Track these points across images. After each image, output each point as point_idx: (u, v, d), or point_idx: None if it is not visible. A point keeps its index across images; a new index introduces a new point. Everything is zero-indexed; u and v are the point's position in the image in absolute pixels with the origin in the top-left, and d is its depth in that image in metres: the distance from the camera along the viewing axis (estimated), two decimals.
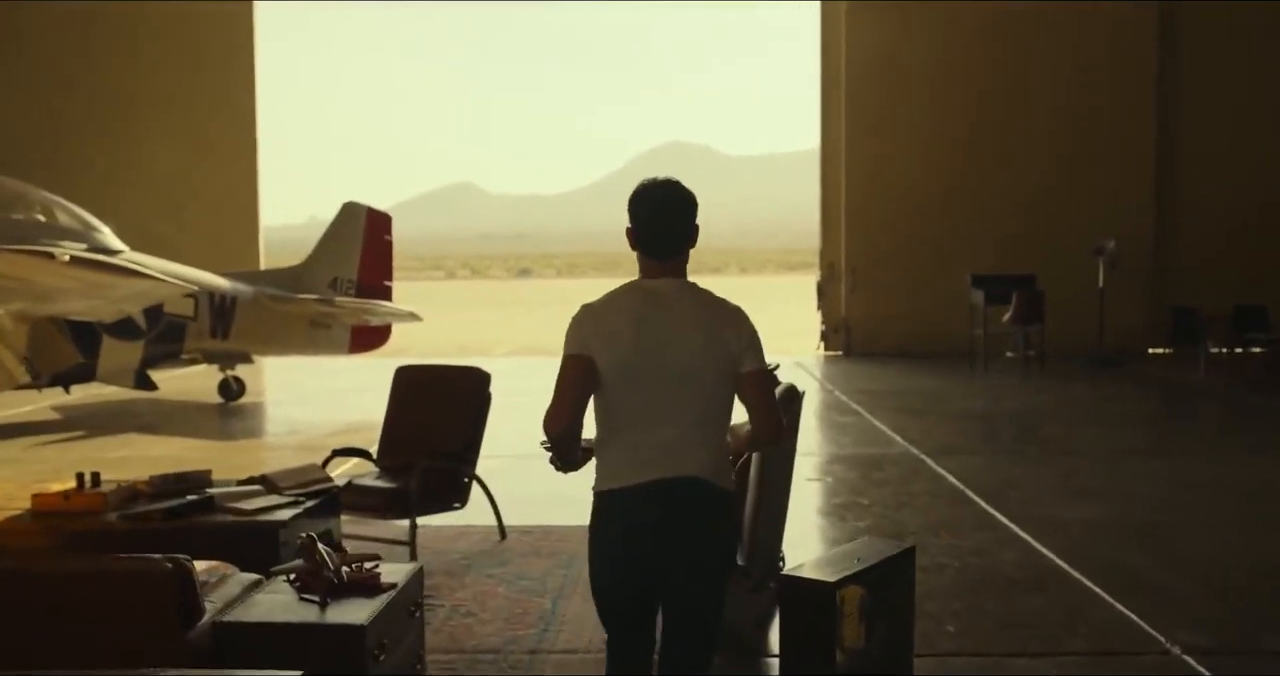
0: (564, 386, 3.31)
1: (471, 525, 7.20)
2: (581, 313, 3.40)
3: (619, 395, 3.31)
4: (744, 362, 3.35)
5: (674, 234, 3.40)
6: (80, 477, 5.57)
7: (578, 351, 3.33)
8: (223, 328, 13.38)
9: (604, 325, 3.33)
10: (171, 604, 3.59)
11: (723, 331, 3.35)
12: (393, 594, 3.99)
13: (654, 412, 3.29)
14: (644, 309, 3.33)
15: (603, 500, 3.39)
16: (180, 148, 19.21)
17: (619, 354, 3.28)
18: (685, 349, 3.29)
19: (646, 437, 3.29)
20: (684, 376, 3.28)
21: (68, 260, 7.16)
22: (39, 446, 10.96)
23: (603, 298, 3.42)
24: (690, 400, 3.29)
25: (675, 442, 3.28)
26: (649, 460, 3.28)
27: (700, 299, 3.40)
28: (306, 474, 5.93)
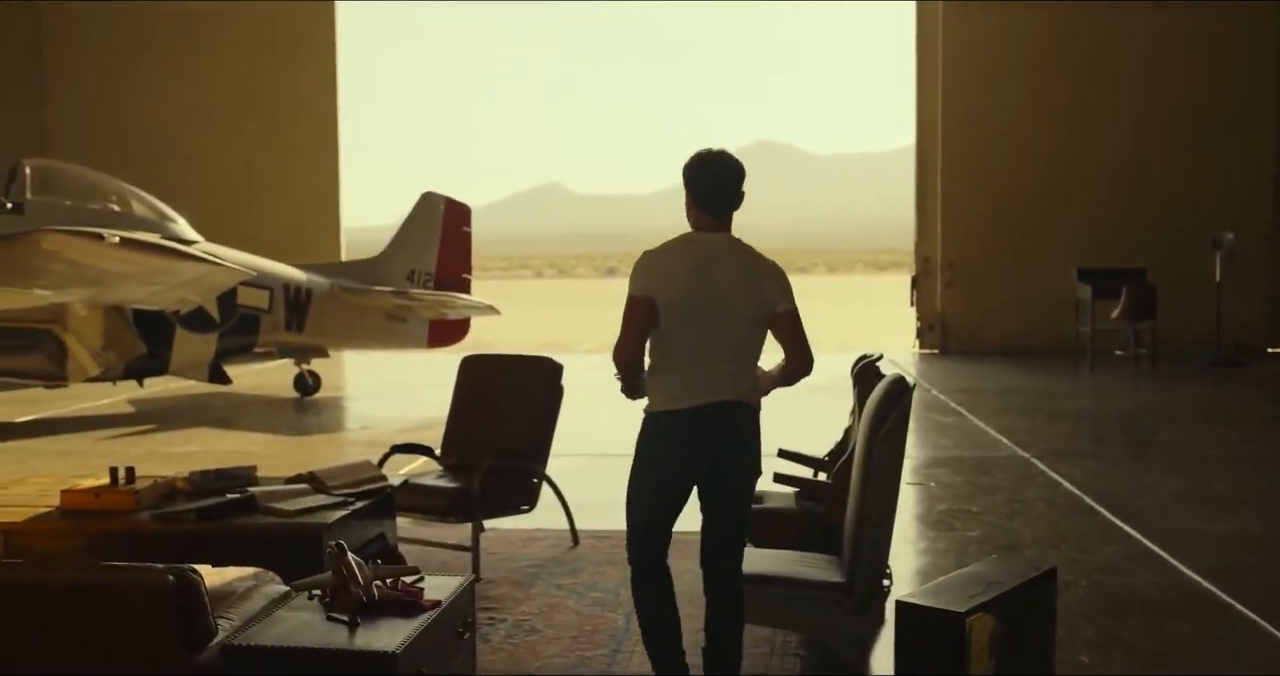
0: (629, 323, 3.89)
1: (541, 529, 6.64)
2: (644, 258, 3.95)
3: (674, 330, 3.87)
4: (779, 304, 3.97)
5: (730, 195, 3.98)
6: (113, 473, 5.10)
7: (641, 292, 3.88)
8: (297, 320, 13.04)
9: (664, 270, 3.89)
10: (173, 622, 3.06)
11: (762, 279, 3.96)
12: (435, 613, 3.43)
13: (703, 346, 3.88)
14: (697, 257, 3.91)
15: (659, 418, 3.94)
16: (262, 141, 19.11)
17: (675, 294, 3.84)
18: (731, 292, 3.88)
19: (697, 367, 3.89)
20: (729, 315, 3.88)
21: (116, 241, 6.76)
22: (107, 440, 10.70)
23: (662, 246, 3.98)
24: (733, 335, 3.91)
25: (720, 371, 3.91)
26: (700, 386, 3.89)
27: (744, 250, 4.00)
28: (358, 472, 5.40)
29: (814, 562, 4.66)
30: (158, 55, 19.30)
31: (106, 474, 5.15)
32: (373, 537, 5.21)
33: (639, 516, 4.07)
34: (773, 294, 3.96)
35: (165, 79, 19.26)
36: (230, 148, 19.07)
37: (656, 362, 3.94)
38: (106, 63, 19.31)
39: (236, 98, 19.24)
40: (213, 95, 19.24)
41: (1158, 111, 17.57)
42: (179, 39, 19.25)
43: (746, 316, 3.91)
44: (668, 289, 3.84)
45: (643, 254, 3.98)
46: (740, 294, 3.89)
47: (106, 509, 4.92)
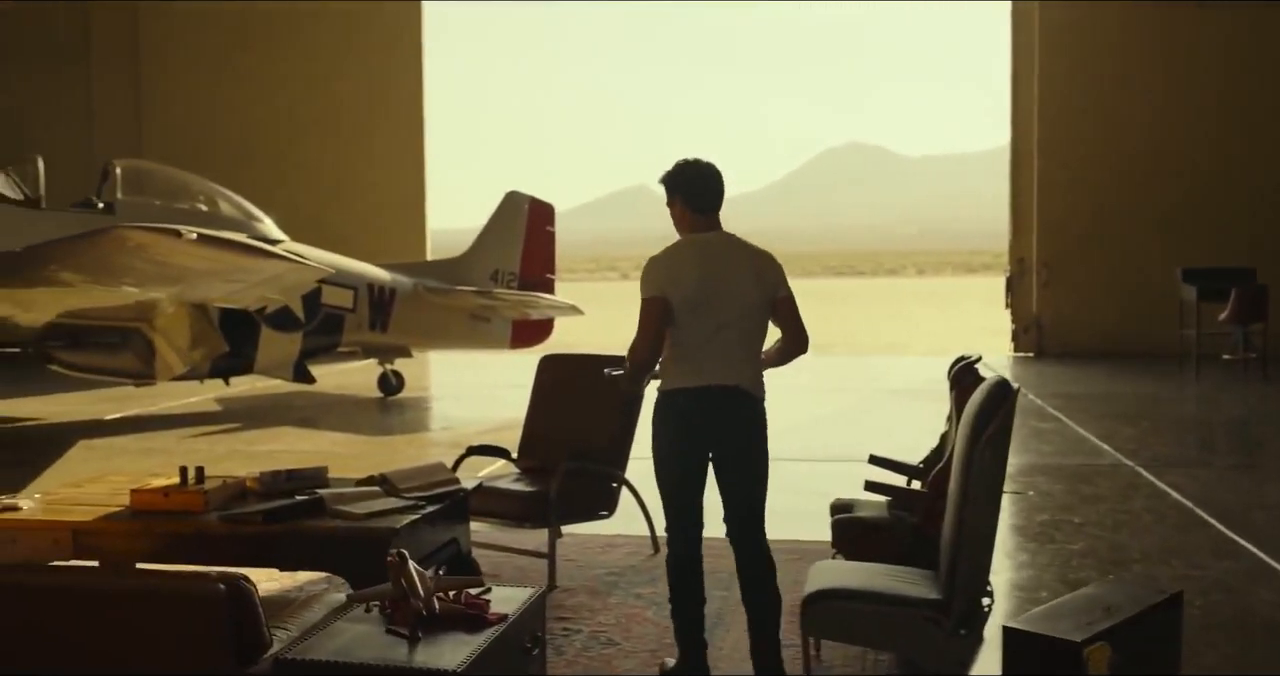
0: (646, 323, 4.20)
1: (621, 535, 6.41)
2: (652, 263, 4.29)
3: (685, 323, 4.21)
4: (779, 290, 4.32)
5: (717, 194, 4.37)
6: (183, 472, 4.99)
7: (655, 294, 4.20)
8: (381, 320, 13.00)
9: (673, 271, 4.24)
10: (224, 633, 2.88)
11: (762, 270, 4.30)
12: (501, 628, 3.20)
13: (714, 336, 4.21)
14: (704, 256, 4.27)
15: (672, 395, 4.28)
16: (349, 142, 19.25)
17: (688, 292, 4.19)
18: (737, 284, 4.23)
19: (709, 354, 4.22)
20: (737, 306, 4.22)
21: (194, 238, 6.69)
22: (192, 438, 10.73)
23: (666, 250, 4.32)
24: (741, 324, 4.24)
25: (729, 359, 4.24)
26: (710, 370, 4.22)
27: (741, 244, 4.35)
28: (431, 474, 5.22)
29: (908, 577, 4.36)
30: (248, 56, 19.54)
31: (177, 473, 5.04)
32: (445, 543, 5.02)
33: (668, 486, 4.38)
34: (773, 281, 4.31)
35: (255, 80, 19.49)
36: (318, 149, 19.24)
37: (671, 351, 4.27)
38: (198, 63, 19.60)
39: (324, 99, 19.40)
40: (301, 96, 19.43)
41: (1263, 109, 16.92)
42: (269, 40, 19.48)
43: (752, 305, 4.27)
44: (680, 288, 4.19)
45: (650, 259, 4.31)
46: (746, 285, 4.25)
47: (175, 509, 4.80)
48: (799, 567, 5.76)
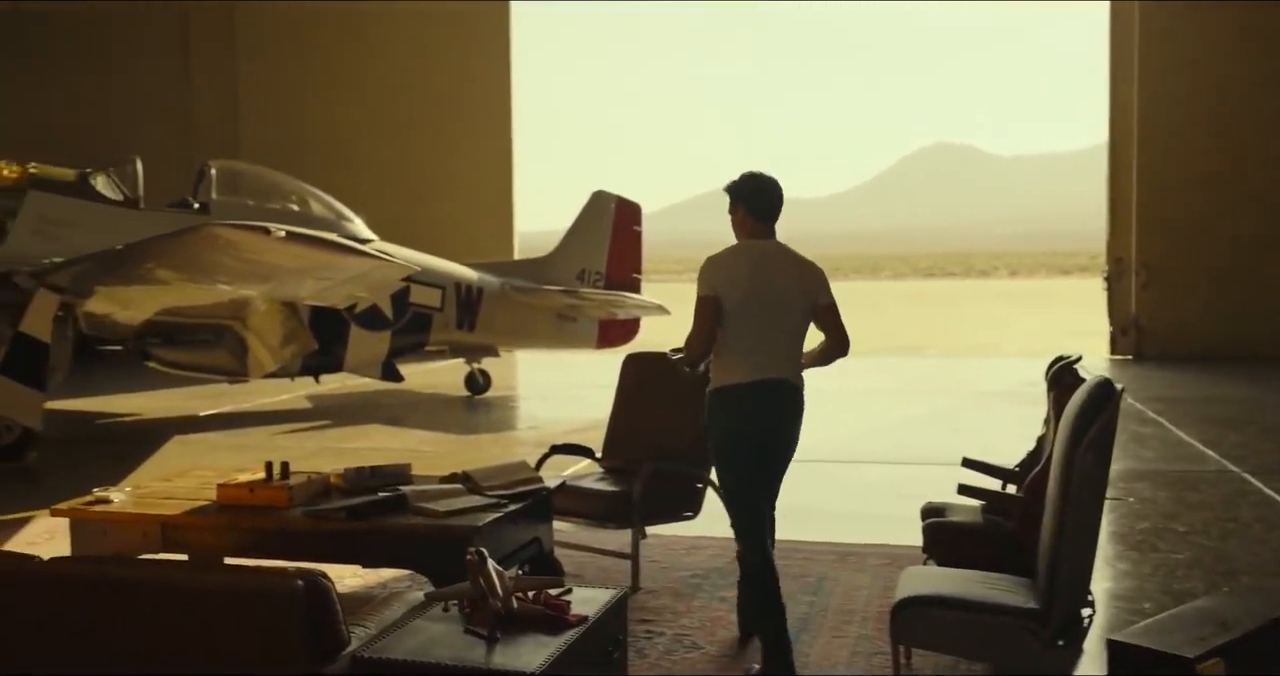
0: (701, 320, 4.50)
1: (705, 537, 6.31)
2: (709, 263, 4.59)
3: (738, 322, 4.47)
4: (821, 297, 4.61)
5: (776, 205, 4.69)
6: (268, 468, 5.00)
7: (710, 293, 4.49)
8: (469, 319, 13.04)
9: (728, 272, 4.54)
10: (301, 631, 2.84)
11: (807, 277, 4.60)
12: (581, 630, 3.13)
13: (762, 334, 4.49)
14: (756, 260, 4.57)
15: (724, 392, 4.52)
16: (438, 142, 19.39)
17: (740, 292, 4.47)
18: (784, 288, 4.53)
19: (757, 350, 4.48)
20: (783, 308, 4.52)
21: (282, 235, 6.74)
22: (283, 434, 10.87)
23: (723, 252, 4.63)
24: (786, 325, 4.54)
25: (775, 355, 4.52)
26: (759, 366, 4.48)
27: (790, 253, 4.65)
28: (513, 472, 5.17)
29: (1003, 584, 4.19)
30: (340, 57, 19.83)
31: (263, 468, 5.06)
32: (527, 542, 4.97)
33: (732, 485, 4.58)
34: (816, 288, 4.59)
35: (346, 80, 19.78)
36: (407, 149, 19.44)
37: (721, 348, 4.52)
38: (292, 64, 19.96)
39: (414, 99, 19.61)
40: (391, 97, 19.66)
41: None
42: (360, 40, 19.75)
43: (797, 308, 4.53)
44: (733, 288, 4.47)
45: (707, 259, 4.60)
46: (792, 290, 4.53)
47: (260, 504, 4.81)
48: (889, 572, 5.62)
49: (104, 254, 8.65)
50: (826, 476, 8.77)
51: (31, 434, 9.03)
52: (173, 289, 8.92)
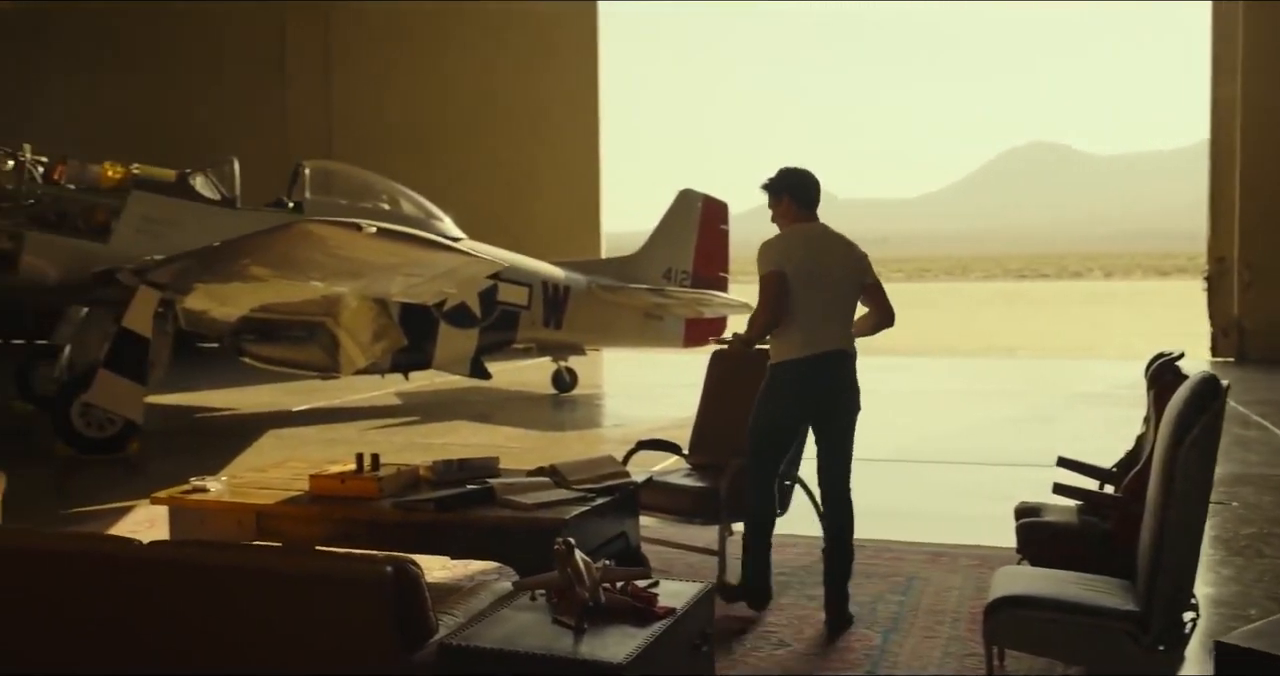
0: (769, 293, 4.94)
1: (792, 535, 6.24)
2: (766, 245, 5.03)
3: (796, 299, 4.91)
4: (867, 277, 5.11)
5: (817, 194, 5.18)
6: (359, 459, 5.07)
7: (775, 267, 4.94)
8: (555, 318, 13.10)
9: (786, 252, 4.99)
10: (390, 617, 2.86)
11: (853, 257, 5.09)
12: (669, 622, 3.11)
13: (818, 309, 4.95)
14: (809, 242, 5.05)
15: (786, 366, 4.99)
16: (526, 142, 19.53)
17: (797, 271, 4.93)
18: (836, 266, 5.03)
19: (814, 325, 4.95)
20: (835, 285, 5.01)
21: (373, 231, 6.84)
22: (372, 430, 11.02)
23: (779, 236, 5.09)
24: (838, 300, 5.03)
25: (831, 328, 4.99)
26: (817, 339, 4.95)
27: (838, 235, 5.13)
28: (600, 466, 5.18)
29: (1101, 586, 4.08)
30: (431, 57, 20.06)
31: (354, 460, 5.13)
32: (613, 536, 4.97)
33: (764, 444, 5.10)
34: (862, 268, 5.09)
35: (436, 80, 20.01)
36: (496, 148, 19.61)
37: (785, 325, 4.95)
38: (384, 65, 20.26)
39: (503, 99, 19.76)
40: (481, 96, 19.84)
41: None
42: (450, 40, 19.96)
43: (846, 285, 5.03)
44: (794, 266, 4.92)
45: (763, 243, 5.02)
46: (842, 269, 5.03)
47: (351, 495, 4.88)
48: (980, 573, 5.52)
49: (202, 251, 8.86)
50: (917, 477, 8.65)
51: (133, 426, 9.27)
52: (267, 286, 9.10)
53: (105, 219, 10.43)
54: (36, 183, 10.33)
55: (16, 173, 10.27)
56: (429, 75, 20.03)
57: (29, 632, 3.16)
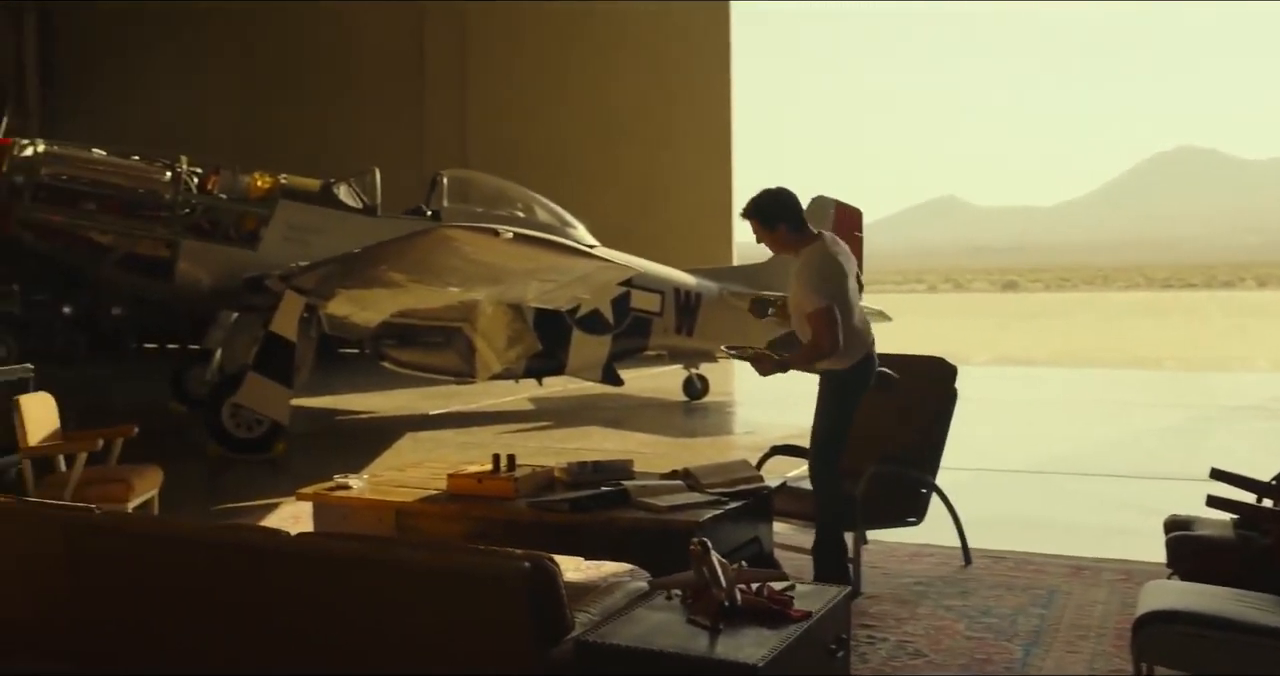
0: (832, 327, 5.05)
1: (929, 545, 6.13)
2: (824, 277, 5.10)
3: (850, 313, 5.16)
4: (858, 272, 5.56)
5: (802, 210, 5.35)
6: (495, 460, 5.15)
7: (829, 301, 5.05)
8: (687, 324, 13.12)
9: (835, 278, 5.13)
10: (527, 613, 2.89)
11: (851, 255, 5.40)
12: (806, 625, 3.07)
13: (859, 312, 5.28)
14: (840, 259, 5.21)
15: (856, 369, 5.24)
16: (658, 148, 19.61)
17: (848, 289, 5.18)
18: (852, 270, 5.27)
19: (864, 327, 5.31)
20: (855, 287, 5.29)
21: (510, 237, 6.95)
22: (506, 433, 11.18)
23: (816, 266, 5.12)
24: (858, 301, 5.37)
25: (868, 329, 5.37)
26: (868, 341, 5.32)
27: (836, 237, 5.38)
28: (734, 471, 5.16)
29: (1260, 603, 3.90)
30: (562, 65, 20.31)
31: (490, 461, 5.21)
32: (747, 541, 4.95)
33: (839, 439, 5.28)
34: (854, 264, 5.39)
35: (568, 89, 20.25)
36: (627, 156, 19.72)
37: (846, 336, 5.12)
38: (518, 75, 20.56)
39: (634, 106, 19.88)
40: (612, 104, 19.99)
41: None
42: (581, 48, 20.16)
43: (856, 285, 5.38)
44: (843, 289, 5.13)
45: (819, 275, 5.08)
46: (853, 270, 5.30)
47: (487, 494, 4.96)
48: (1126, 588, 5.34)
49: (344, 257, 9.13)
50: (1060, 488, 8.41)
51: (279, 427, 9.58)
52: (406, 291, 9.33)
53: (255, 227, 10.84)
54: (192, 192, 10.78)
55: (173, 183, 10.74)
56: (561, 81, 20.28)
57: (180, 616, 3.28)
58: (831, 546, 5.25)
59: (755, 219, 5.14)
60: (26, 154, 10.49)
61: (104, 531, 3.43)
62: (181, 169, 10.84)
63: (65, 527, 3.41)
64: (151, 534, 3.52)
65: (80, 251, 10.72)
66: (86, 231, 10.53)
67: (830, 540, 5.25)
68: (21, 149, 10.51)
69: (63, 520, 3.48)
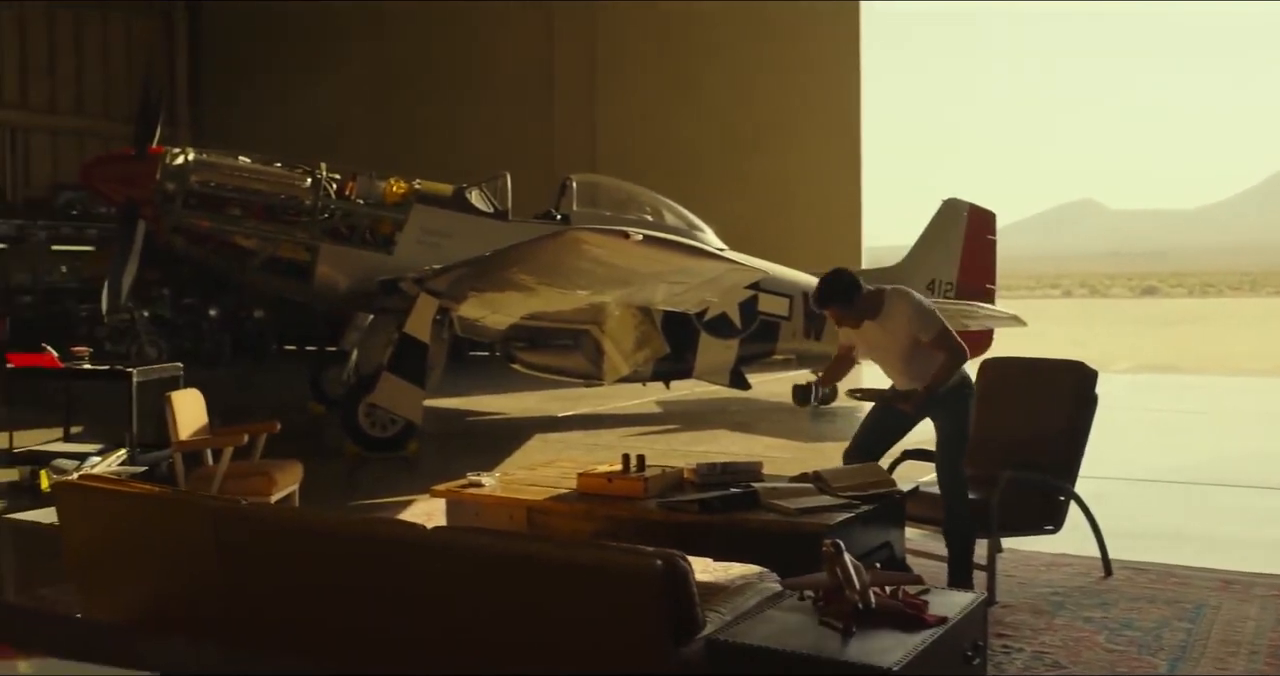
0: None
1: (1067, 554, 5.96)
2: (916, 298, 5.57)
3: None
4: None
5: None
6: (625, 459, 5.18)
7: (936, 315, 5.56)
8: (816, 329, 12.99)
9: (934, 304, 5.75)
10: (659, 610, 2.89)
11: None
12: (941, 630, 3.01)
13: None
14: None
15: (970, 382, 5.56)
16: (785, 152, 19.50)
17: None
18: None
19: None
20: None
21: (640, 239, 6.98)
22: (633, 436, 11.23)
23: (908, 291, 5.61)
24: None
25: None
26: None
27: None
28: (866, 474, 5.09)
29: None
30: (688, 68, 20.33)
31: (620, 460, 5.24)
32: (878, 545, 4.87)
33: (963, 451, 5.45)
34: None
35: (695, 91, 20.27)
36: (755, 160, 19.65)
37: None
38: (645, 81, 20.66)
39: (761, 109, 19.81)
40: (739, 107, 19.96)
41: None
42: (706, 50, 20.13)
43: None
44: (934, 309, 5.56)
45: (922, 304, 5.53)
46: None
47: (617, 494, 4.98)
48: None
49: (476, 259, 9.29)
50: (1205, 500, 8.09)
51: (412, 427, 9.78)
52: (536, 295, 9.44)
53: (390, 231, 11.10)
54: (330, 198, 11.10)
55: (313, 189, 11.07)
56: (689, 84, 20.30)
57: (319, 603, 3.37)
58: (958, 552, 5.28)
59: (834, 303, 5.53)
60: (178, 162, 10.94)
61: (250, 522, 3.55)
62: (321, 175, 11.17)
63: (214, 518, 3.53)
64: (294, 525, 3.63)
65: (226, 255, 11.13)
66: (232, 236, 10.93)
67: (957, 546, 5.29)
68: (173, 157, 10.97)
69: (212, 511, 3.61)
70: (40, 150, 23.24)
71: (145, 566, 3.71)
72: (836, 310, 5.56)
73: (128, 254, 10.71)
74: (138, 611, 3.68)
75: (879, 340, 5.56)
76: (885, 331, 5.50)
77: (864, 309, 5.50)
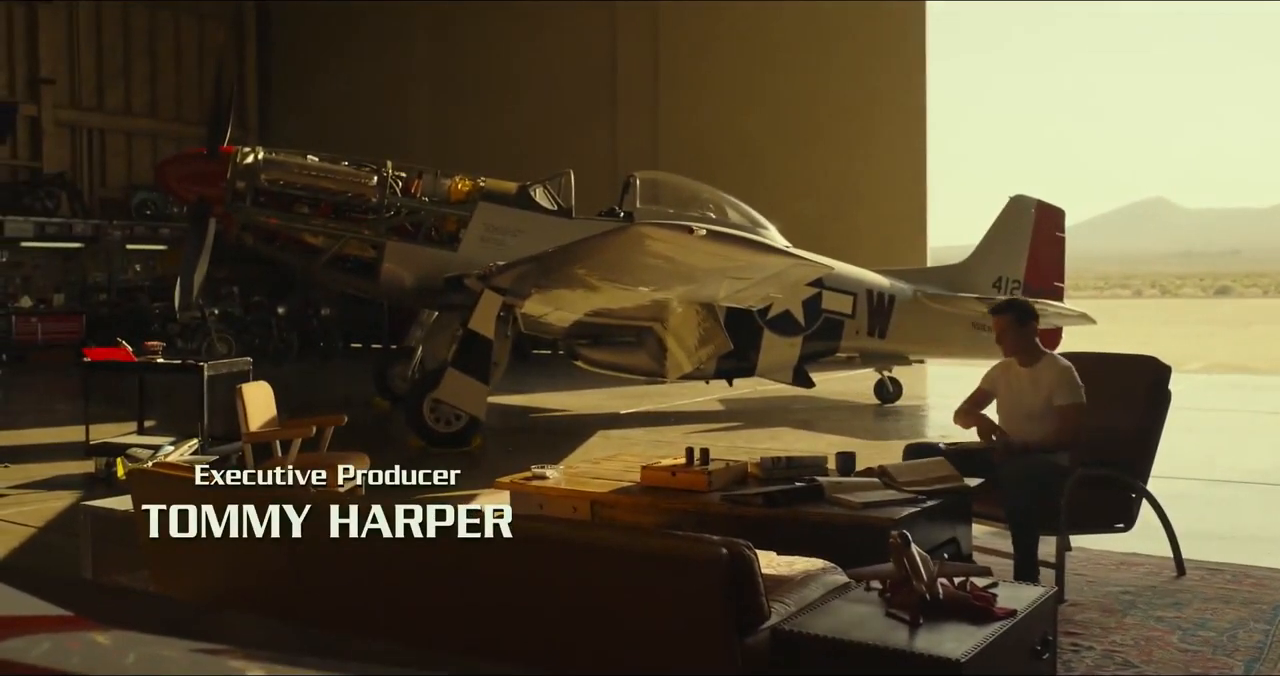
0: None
1: (1138, 553, 5.85)
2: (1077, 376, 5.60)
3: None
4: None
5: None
6: (689, 453, 5.17)
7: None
8: (880, 327, 12.92)
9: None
10: (724, 599, 2.88)
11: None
12: (1010, 623, 2.97)
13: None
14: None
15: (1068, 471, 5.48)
16: (850, 151, 19.38)
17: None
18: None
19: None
20: None
21: (704, 234, 6.97)
22: (696, 433, 11.21)
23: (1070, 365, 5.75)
24: None
25: None
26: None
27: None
28: (932, 469, 5.03)
29: None
30: (753, 65, 20.25)
31: (684, 454, 5.24)
32: (944, 541, 4.82)
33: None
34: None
35: (760, 89, 20.17)
36: (820, 158, 19.56)
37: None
38: (709, 77, 20.64)
39: (827, 107, 19.71)
40: (803, 105, 19.86)
41: None
42: (770, 47, 20.06)
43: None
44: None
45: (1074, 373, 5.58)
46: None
47: (681, 487, 4.98)
48: None
49: (540, 256, 9.33)
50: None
51: (476, 422, 9.85)
52: (599, 292, 9.47)
53: (455, 228, 11.20)
54: (396, 195, 11.22)
55: (379, 187, 11.20)
56: (751, 82, 20.26)
57: (386, 587, 3.40)
58: (1022, 548, 5.25)
59: (1011, 314, 5.73)
60: (248, 161, 11.11)
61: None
62: (387, 173, 11.29)
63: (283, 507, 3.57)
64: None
65: (294, 252, 11.30)
66: (300, 234, 11.09)
67: (1021, 542, 5.25)
68: (244, 156, 11.15)
69: (280, 499, 3.66)
70: (116, 152, 23.78)
71: (216, 551, 3.77)
72: (1007, 321, 5.73)
73: (199, 252, 10.90)
74: (209, 595, 3.75)
75: (1022, 390, 5.70)
76: (1032, 382, 5.67)
77: (1027, 344, 5.72)
